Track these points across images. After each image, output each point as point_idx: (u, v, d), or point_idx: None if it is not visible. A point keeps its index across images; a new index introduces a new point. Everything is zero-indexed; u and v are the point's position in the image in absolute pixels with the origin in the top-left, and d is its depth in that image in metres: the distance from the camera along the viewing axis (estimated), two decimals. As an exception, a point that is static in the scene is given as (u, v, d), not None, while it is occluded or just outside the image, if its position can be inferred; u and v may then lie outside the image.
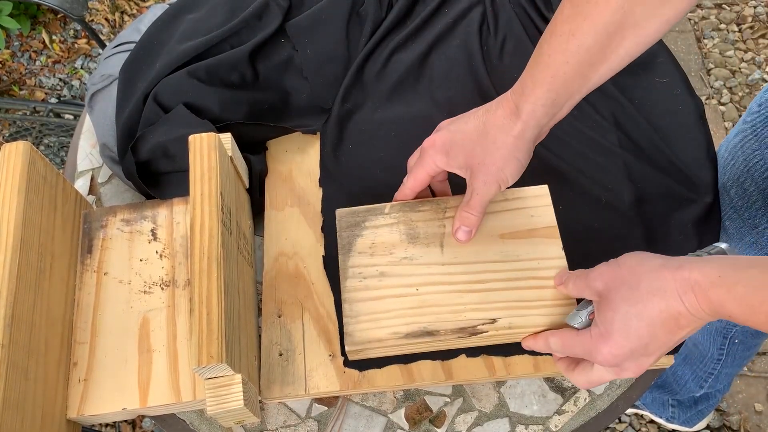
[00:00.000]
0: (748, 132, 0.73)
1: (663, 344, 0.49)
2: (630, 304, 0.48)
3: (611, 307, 0.49)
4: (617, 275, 0.50)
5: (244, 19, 0.79)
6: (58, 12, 1.88)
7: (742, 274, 0.44)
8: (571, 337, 0.54)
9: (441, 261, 0.62)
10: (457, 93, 0.78)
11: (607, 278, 0.51)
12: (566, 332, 0.54)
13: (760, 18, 1.87)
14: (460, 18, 0.83)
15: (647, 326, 0.48)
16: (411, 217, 0.64)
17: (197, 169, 0.61)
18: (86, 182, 0.79)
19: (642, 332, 0.48)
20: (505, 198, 0.65)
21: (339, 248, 0.64)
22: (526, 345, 0.59)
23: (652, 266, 0.49)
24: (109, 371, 0.61)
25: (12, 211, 0.57)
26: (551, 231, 0.63)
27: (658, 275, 0.47)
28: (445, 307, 0.59)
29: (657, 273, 0.48)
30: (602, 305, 0.51)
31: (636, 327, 0.48)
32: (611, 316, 0.49)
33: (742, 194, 0.73)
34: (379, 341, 0.59)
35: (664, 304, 0.47)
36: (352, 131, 0.77)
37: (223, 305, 0.54)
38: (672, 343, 0.49)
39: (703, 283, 0.45)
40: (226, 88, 0.74)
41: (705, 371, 1.02)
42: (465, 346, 0.62)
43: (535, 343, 0.58)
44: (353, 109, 0.78)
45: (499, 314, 0.59)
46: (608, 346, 0.49)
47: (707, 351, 0.98)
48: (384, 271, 0.62)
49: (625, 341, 0.48)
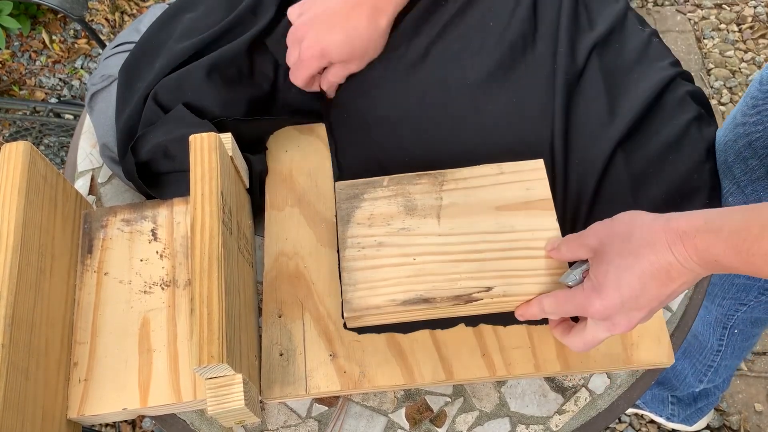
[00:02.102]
0: (750, 107, 0.74)
1: (654, 297, 0.49)
2: (622, 257, 0.49)
3: (605, 261, 0.50)
4: (611, 231, 0.52)
5: (238, 14, 0.79)
6: (58, 12, 1.88)
7: (726, 218, 0.45)
8: (563, 295, 0.55)
9: (437, 232, 0.63)
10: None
11: (602, 234, 0.52)
12: (559, 291, 0.56)
13: (760, 18, 1.87)
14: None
15: (638, 278, 0.48)
16: (409, 190, 0.66)
17: (198, 169, 0.61)
18: (86, 182, 0.79)
19: (633, 284, 0.49)
20: (501, 171, 0.66)
21: (338, 219, 0.65)
22: (519, 314, 0.60)
23: (645, 220, 0.50)
24: (110, 371, 0.61)
25: (12, 211, 0.57)
26: (546, 203, 0.64)
27: (650, 228, 0.49)
28: (441, 276, 0.61)
29: (648, 226, 0.49)
30: (596, 260, 0.52)
31: (627, 279, 0.49)
32: (605, 269, 0.50)
33: (745, 169, 0.74)
34: (377, 308, 0.60)
35: (654, 257, 0.48)
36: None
37: (223, 305, 0.54)
38: (664, 297, 0.50)
39: (690, 231, 0.46)
40: (225, 87, 0.74)
41: (704, 364, 1.03)
42: (461, 315, 0.63)
43: (528, 308, 0.59)
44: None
45: (494, 282, 0.60)
46: (599, 299, 0.50)
47: (707, 342, 0.99)
48: (382, 241, 0.63)
49: (616, 293, 0.49)
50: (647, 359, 0.63)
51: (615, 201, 0.70)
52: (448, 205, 0.65)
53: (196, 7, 0.84)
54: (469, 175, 0.66)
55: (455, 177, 0.66)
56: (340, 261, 0.63)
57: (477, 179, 0.66)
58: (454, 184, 0.66)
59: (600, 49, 0.78)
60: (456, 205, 0.65)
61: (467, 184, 0.66)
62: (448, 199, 0.65)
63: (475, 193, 0.65)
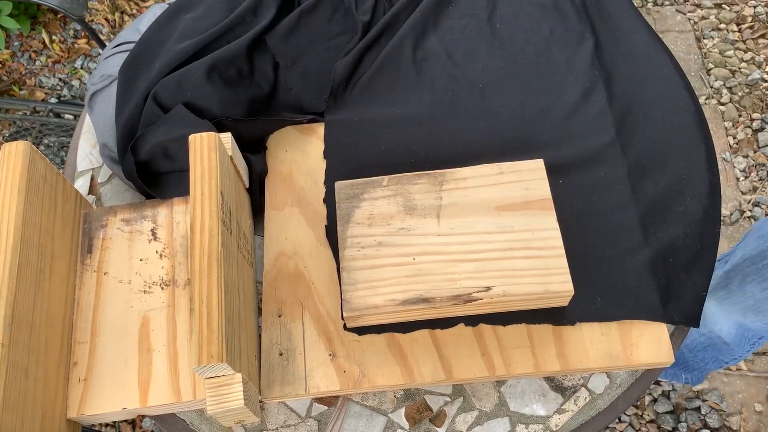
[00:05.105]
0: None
1: None
2: None
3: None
4: None
5: (239, 14, 0.79)
6: (58, 12, 1.88)
7: None
8: None
9: (437, 232, 0.63)
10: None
11: None
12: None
13: (760, 18, 1.87)
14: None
15: None
16: (408, 190, 0.66)
17: (198, 169, 0.61)
18: (86, 182, 0.79)
19: None
20: (501, 171, 0.66)
21: (338, 219, 0.65)
22: None
23: None
24: (109, 371, 0.61)
25: (12, 210, 0.57)
26: (545, 203, 0.64)
27: None
28: (440, 276, 0.61)
29: None
30: None
31: None
32: None
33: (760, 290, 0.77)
34: (376, 308, 0.60)
35: None
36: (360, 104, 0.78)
37: (223, 305, 0.54)
38: None
39: None
40: (225, 87, 0.74)
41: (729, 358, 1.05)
42: (461, 314, 0.63)
43: None
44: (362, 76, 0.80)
45: (493, 282, 0.60)
46: None
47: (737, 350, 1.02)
48: (381, 241, 0.63)
49: None
50: (647, 359, 0.63)
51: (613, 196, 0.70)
52: (448, 204, 0.65)
53: (195, 7, 0.84)
54: (469, 174, 0.66)
55: (455, 177, 0.66)
56: (339, 261, 0.63)
57: (477, 179, 0.66)
58: (454, 183, 0.66)
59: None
60: (456, 204, 0.65)
61: (467, 184, 0.66)
62: (447, 198, 0.65)
63: (475, 193, 0.65)
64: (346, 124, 0.77)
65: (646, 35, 0.83)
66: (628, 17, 0.83)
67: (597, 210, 0.70)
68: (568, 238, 0.67)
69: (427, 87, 0.79)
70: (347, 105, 0.78)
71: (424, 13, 0.83)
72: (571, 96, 0.76)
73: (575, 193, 0.71)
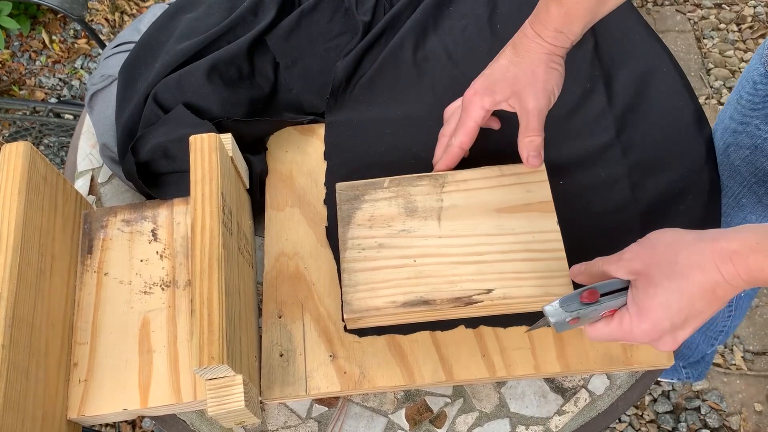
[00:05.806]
0: (748, 111, 0.74)
1: (699, 316, 0.49)
2: (671, 279, 0.49)
3: (651, 283, 0.50)
4: (655, 253, 0.51)
5: (240, 15, 0.79)
6: (58, 12, 1.88)
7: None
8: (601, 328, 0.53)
9: (438, 234, 0.63)
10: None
11: (645, 257, 0.51)
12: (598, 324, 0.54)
13: (760, 18, 1.87)
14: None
15: (687, 299, 0.48)
16: (409, 191, 0.66)
17: (198, 170, 0.61)
18: (86, 182, 0.79)
19: (682, 305, 0.49)
20: (502, 174, 0.66)
21: (339, 220, 0.65)
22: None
23: (688, 241, 0.50)
24: (110, 372, 0.61)
25: (12, 211, 0.57)
26: (546, 205, 0.64)
27: (696, 249, 0.48)
28: (441, 278, 0.61)
29: (694, 247, 0.49)
30: (641, 283, 0.51)
31: (677, 300, 0.49)
32: (653, 292, 0.50)
33: (754, 171, 0.75)
34: (377, 309, 0.60)
35: (702, 277, 0.48)
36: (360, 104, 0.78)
37: (224, 306, 0.54)
38: (707, 315, 0.50)
39: (742, 251, 0.46)
40: (225, 87, 0.74)
41: (715, 330, 1.05)
42: (462, 317, 0.63)
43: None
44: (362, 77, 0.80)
45: (494, 285, 0.60)
46: (648, 322, 0.50)
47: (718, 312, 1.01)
48: (382, 242, 0.63)
49: (665, 315, 0.49)
50: (647, 360, 0.63)
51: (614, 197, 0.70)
52: (449, 206, 0.65)
53: (195, 7, 0.84)
54: (470, 176, 0.66)
55: (456, 179, 0.66)
56: (340, 262, 0.63)
57: (477, 181, 0.66)
58: (455, 185, 0.66)
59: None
60: (456, 206, 0.65)
61: (468, 186, 0.66)
62: (448, 200, 0.65)
63: (476, 195, 0.65)
64: (346, 124, 0.77)
65: (646, 35, 0.83)
66: (628, 17, 0.83)
67: (597, 210, 0.70)
68: (568, 239, 0.67)
69: (427, 87, 0.79)
70: (348, 105, 0.78)
71: (424, 13, 0.83)
72: (571, 96, 0.76)
73: (576, 193, 0.71)
